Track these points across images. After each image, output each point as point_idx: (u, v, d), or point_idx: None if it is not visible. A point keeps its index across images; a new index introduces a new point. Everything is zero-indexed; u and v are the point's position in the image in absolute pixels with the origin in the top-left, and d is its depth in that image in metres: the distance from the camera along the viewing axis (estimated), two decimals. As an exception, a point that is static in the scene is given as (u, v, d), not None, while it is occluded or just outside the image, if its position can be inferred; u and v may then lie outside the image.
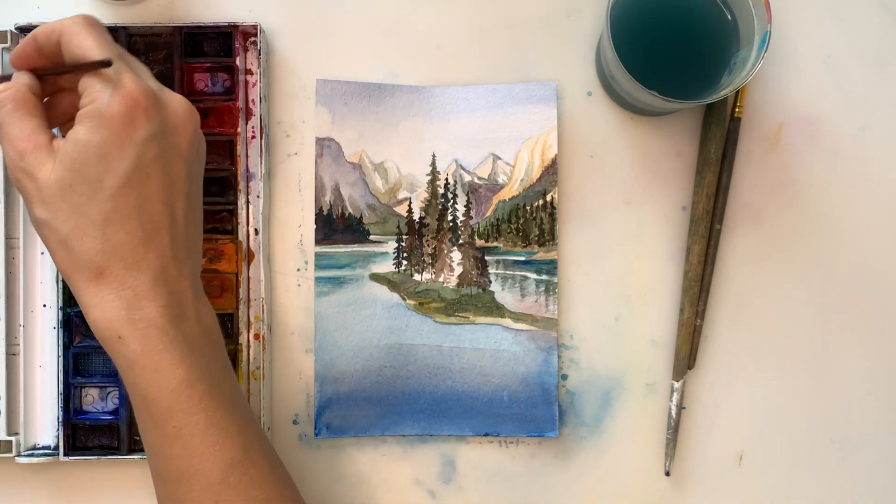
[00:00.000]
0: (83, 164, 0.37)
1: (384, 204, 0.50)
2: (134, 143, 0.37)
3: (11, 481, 0.48)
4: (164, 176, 0.38)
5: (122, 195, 0.37)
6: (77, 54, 0.38)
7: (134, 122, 0.37)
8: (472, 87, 0.50)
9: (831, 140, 0.50)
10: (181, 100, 0.39)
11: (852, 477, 0.50)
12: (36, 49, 0.39)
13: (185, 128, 0.39)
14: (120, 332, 0.37)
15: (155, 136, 0.38)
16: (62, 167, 0.37)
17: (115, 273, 0.37)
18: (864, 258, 0.50)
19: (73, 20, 0.38)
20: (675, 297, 0.50)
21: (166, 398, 0.37)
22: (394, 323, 0.49)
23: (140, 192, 0.37)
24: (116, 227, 0.37)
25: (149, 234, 0.38)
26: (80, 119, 0.37)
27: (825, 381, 0.50)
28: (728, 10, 0.46)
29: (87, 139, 0.37)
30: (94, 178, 0.37)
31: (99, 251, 0.37)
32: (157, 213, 0.38)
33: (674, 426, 0.49)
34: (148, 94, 0.38)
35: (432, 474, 0.49)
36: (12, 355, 0.48)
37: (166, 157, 0.38)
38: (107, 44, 0.38)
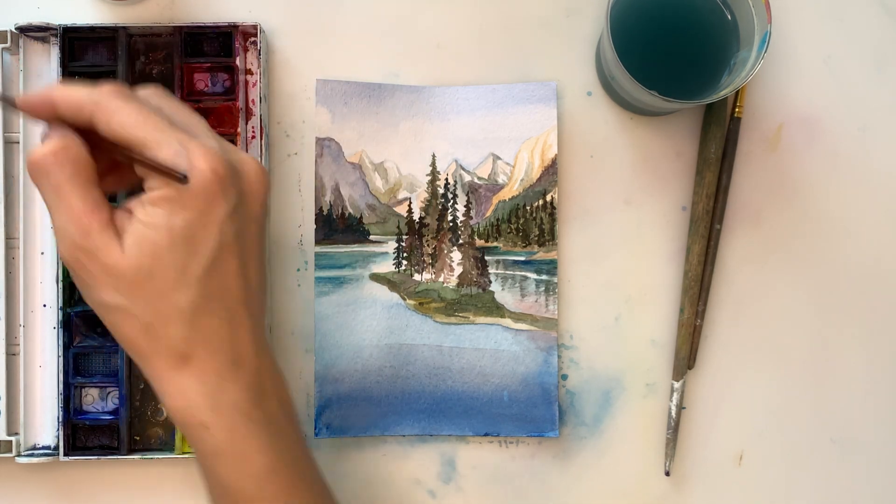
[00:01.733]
0: (165, 251, 0.33)
1: (384, 204, 0.50)
2: (216, 223, 0.34)
3: (11, 481, 0.48)
4: (240, 250, 0.35)
5: (208, 278, 0.34)
6: (121, 135, 0.33)
7: (215, 199, 0.34)
8: (472, 87, 0.50)
9: (831, 140, 0.50)
10: (252, 162, 0.36)
11: (852, 477, 0.50)
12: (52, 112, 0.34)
13: (259, 192, 0.36)
14: (204, 420, 0.35)
15: (234, 210, 0.35)
16: (140, 253, 0.33)
17: (201, 358, 0.35)
18: (864, 258, 0.50)
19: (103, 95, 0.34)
20: (675, 297, 0.50)
21: (251, 487, 0.35)
22: (394, 323, 0.49)
23: (221, 272, 0.35)
24: (204, 313, 0.34)
25: (231, 312, 0.35)
26: (157, 202, 0.34)
27: (825, 381, 0.50)
28: (728, 10, 0.46)
29: (168, 224, 0.33)
30: (179, 264, 0.34)
31: (185, 338, 0.34)
32: (237, 288, 0.35)
33: (674, 426, 0.49)
34: (225, 164, 0.34)
35: (432, 474, 0.49)
36: (12, 355, 0.48)
37: (243, 228, 0.35)
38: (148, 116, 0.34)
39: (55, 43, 0.47)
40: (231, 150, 0.36)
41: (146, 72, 0.48)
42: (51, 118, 0.35)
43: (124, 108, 0.34)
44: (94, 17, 0.49)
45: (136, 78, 0.48)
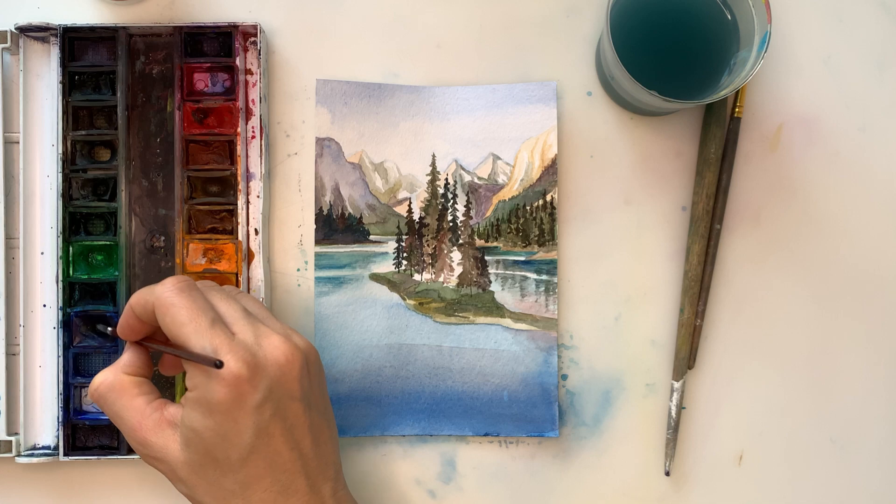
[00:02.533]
0: (206, 447, 0.38)
1: (384, 204, 0.50)
2: (248, 415, 0.38)
3: (11, 481, 0.48)
4: (284, 427, 0.39)
5: (252, 461, 0.38)
6: (173, 331, 0.38)
7: (243, 397, 0.38)
8: (472, 87, 0.50)
9: (831, 140, 0.50)
10: (279, 347, 0.39)
11: (852, 477, 0.50)
12: (137, 320, 0.40)
13: (290, 373, 0.39)
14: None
15: (266, 398, 0.38)
16: (189, 451, 0.38)
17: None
18: (864, 258, 0.50)
19: (165, 289, 0.39)
20: (675, 297, 0.50)
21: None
22: (394, 323, 0.49)
23: (266, 452, 0.38)
24: (254, 490, 0.38)
25: (284, 483, 0.39)
26: (193, 405, 0.38)
27: (825, 381, 0.50)
28: (728, 10, 0.46)
29: (203, 426, 0.38)
30: (222, 456, 0.38)
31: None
32: (286, 461, 0.39)
33: (674, 426, 0.49)
34: (249, 365, 0.38)
35: (432, 474, 0.49)
36: (12, 355, 0.48)
37: (282, 409, 0.39)
38: (200, 315, 0.38)
39: (55, 43, 0.47)
40: (262, 337, 0.39)
41: (146, 72, 0.48)
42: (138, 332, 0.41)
43: (179, 305, 0.39)
44: (94, 17, 0.49)
45: (136, 78, 0.48)
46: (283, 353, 0.39)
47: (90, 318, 0.47)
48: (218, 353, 0.38)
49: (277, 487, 0.39)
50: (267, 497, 0.38)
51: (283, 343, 0.39)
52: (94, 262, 0.48)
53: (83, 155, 0.48)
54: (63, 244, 0.47)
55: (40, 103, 0.48)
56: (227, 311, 0.40)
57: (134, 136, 0.48)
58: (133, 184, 0.48)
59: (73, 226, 0.47)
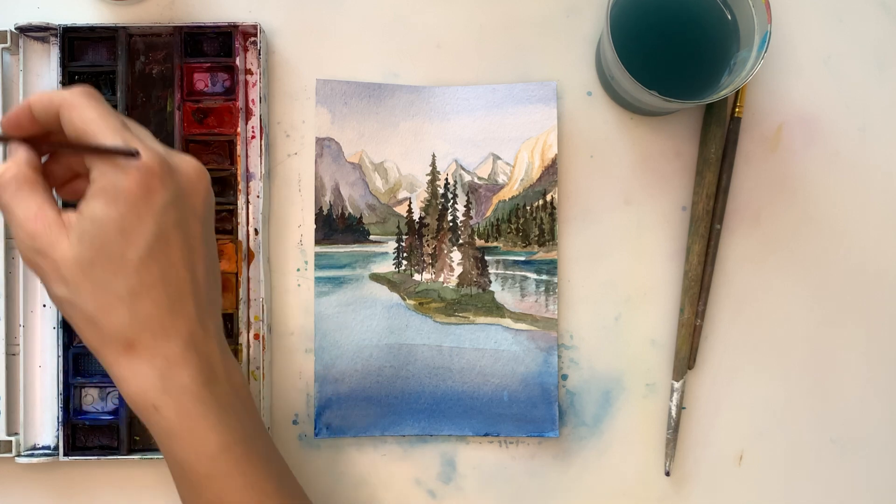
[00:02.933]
0: (103, 241, 0.36)
1: (384, 204, 0.50)
2: (153, 213, 0.36)
3: (11, 481, 0.48)
4: (183, 241, 0.38)
5: (146, 266, 0.36)
6: (80, 127, 0.37)
7: (150, 191, 0.36)
8: (472, 87, 0.50)
9: (831, 140, 0.50)
10: (190, 160, 0.39)
11: (852, 477, 0.50)
12: (30, 117, 0.38)
13: (197, 189, 0.39)
14: (155, 403, 0.37)
15: (172, 202, 0.37)
16: (81, 245, 0.36)
17: (146, 344, 0.37)
18: (864, 258, 0.50)
19: (73, 93, 0.37)
20: (675, 297, 0.50)
21: (204, 465, 0.37)
22: (394, 323, 0.49)
23: (162, 260, 0.37)
24: (143, 299, 0.36)
25: (174, 301, 0.37)
26: (95, 194, 0.36)
27: (825, 381, 0.50)
28: (728, 10, 0.46)
29: (104, 215, 0.36)
30: (116, 253, 0.36)
31: (128, 324, 0.36)
32: (180, 278, 0.37)
33: (674, 426, 0.49)
34: (161, 161, 0.37)
35: (432, 474, 0.49)
36: (12, 355, 0.48)
37: (183, 221, 0.38)
38: (109, 115, 0.37)
39: (55, 43, 0.47)
40: (172, 153, 0.39)
41: (146, 72, 0.48)
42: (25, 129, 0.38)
43: (87, 105, 0.37)
44: (94, 17, 0.49)
45: (136, 78, 0.48)
46: (194, 168, 0.39)
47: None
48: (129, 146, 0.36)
49: (167, 303, 0.37)
50: (154, 311, 0.37)
51: (194, 161, 0.39)
52: (94, 262, 0.48)
53: (83, 155, 0.48)
54: (63, 244, 0.47)
55: (40, 103, 0.48)
56: (135, 126, 0.39)
57: (134, 136, 0.48)
58: (133, 184, 0.48)
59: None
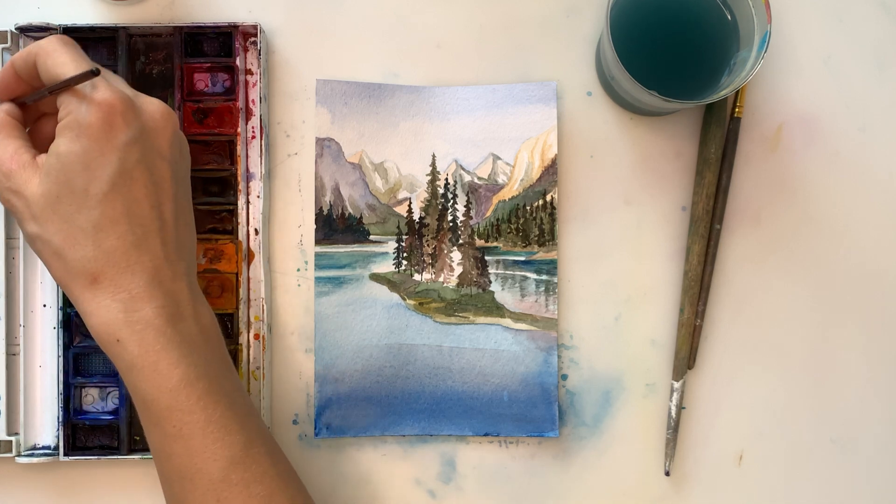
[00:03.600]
0: (67, 175, 0.37)
1: (384, 204, 0.50)
2: (115, 149, 0.37)
3: (11, 481, 0.48)
4: (148, 178, 0.38)
5: (109, 201, 0.37)
6: (54, 72, 0.38)
7: (112, 127, 0.37)
8: (472, 87, 0.50)
9: (831, 140, 0.50)
10: (157, 102, 0.40)
11: (852, 477, 0.50)
12: (14, 76, 0.40)
13: (163, 129, 0.39)
14: (118, 335, 0.37)
15: (135, 139, 0.38)
16: (48, 180, 0.37)
17: (110, 278, 0.37)
18: (864, 258, 0.50)
19: (47, 40, 0.39)
20: (675, 297, 0.50)
21: (166, 398, 0.37)
22: (394, 323, 0.49)
23: (126, 196, 0.38)
24: (107, 233, 0.37)
25: (139, 237, 0.38)
26: (60, 131, 0.38)
27: (825, 381, 0.50)
28: (728, 10, 0.46)
29: (68, 150, 0.37)
30: (80, 187, 0.37)
31: (92, 258, 0.37)
32: (145, 216, 0.38)
33: (674, 426, 0.49)
34: (124, 99, 0.38)
35: (432, 474, 0.49)
36: (12, 355, 0.48)
37: (148, 159, 0.39)
38: (82, 59, 0.38)
39: (55, 43, 0.47)
40: (139, 94, 0.40)
41: (146, 72, 0.48)
42: (12, 89, 0.40)
43: (60, 50, 0.38)
44: (94, 17, 0.49)
45: (137, 78, 0.48)
46: (160, 110, 0.39)
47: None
48: (95, 86, 0.37)
49: (132, 239, 0.38)
50: (119, 245, 0.38)
51: (161, 104, 0.40)
52: (94, 262, 0.48)
53: (83, 155, 0.48)
54: (63, 244, 0.47)
55: (40, 103, 0.48)
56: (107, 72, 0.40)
57: (134, 136, 0.48)
58: (133, 184, 0.48)
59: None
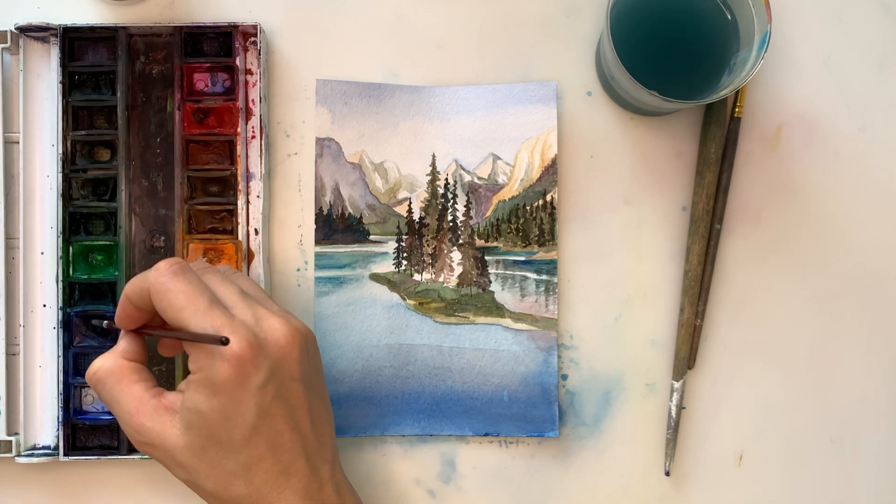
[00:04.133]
0: (210, 429, 0.38)
1: (384, 204, 0.50)
2: (251, 395, 0.38)
3: (11, 481, 0.48)
4: (285, 408, 0.39)
5: (254, 442, 0.38)
6: (172, 316, 0.38)
7: (246, 377, 0.38)
8: (472, 87, 0.50)
9: (831, 140, 0.50)
10: (279, 327, 0.39)
11: (852, 477, 0.50)
12: (134, 308, 0.40)
13: (291, 354, 0.39)
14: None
15: (268, 379, 0.38)
16: (189, 434, 0.38)
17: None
18: (864, 258, 0.50)
19: (159, 274, 0.39)
20: (675, 297, 0.50)
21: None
22: (394, 323, 0.49)
23: (268, 433, 0.39)
24: (256, 471, 0.39)
25: (286, 464, 0.39)
26: (196, 387, 0.38)
27: (825, 381, 0.50)
28: (728, 10, 0.46)
29: (207, 407, 0.38)
30: (224, 437, 0.38)
31: (246, 495, 0.39)
32: (287, 441, 0.39)
33: (674, 426, 0.49)
34: (252, 344, 0.38)
35: (432, 474, 0.49)
36: (12, 355, 0.48)
37: (282, 390, 0.39)
38: (196, 295, 0.38)
39: (55, 43, 0.47)
40: (262, 319, 0.39)
41: (146, 72, 0.48)
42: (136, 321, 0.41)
43: (175, 289, 0.38)
44: (94, 17, 0.49)
45: (136, 78, 0.48)
46: (284, 334, 0.39)
47: (90, 318, 0.47)
48: (219, 333, 0.38)
49: (279, 468, 0.39)
50: (269, 477, 0.39)
51: (282, 325, 0.39)
52: (94, 261, 0.48)
53: (83, 155, 0.48)
54: (63, 244, 0.47)
55: (40, 103, 0.48)
56: (223, 293, 0.40)
57: (134, 136, 0.48)
58: (133, 184, 0.48)
59: (73, 226, 0.47)
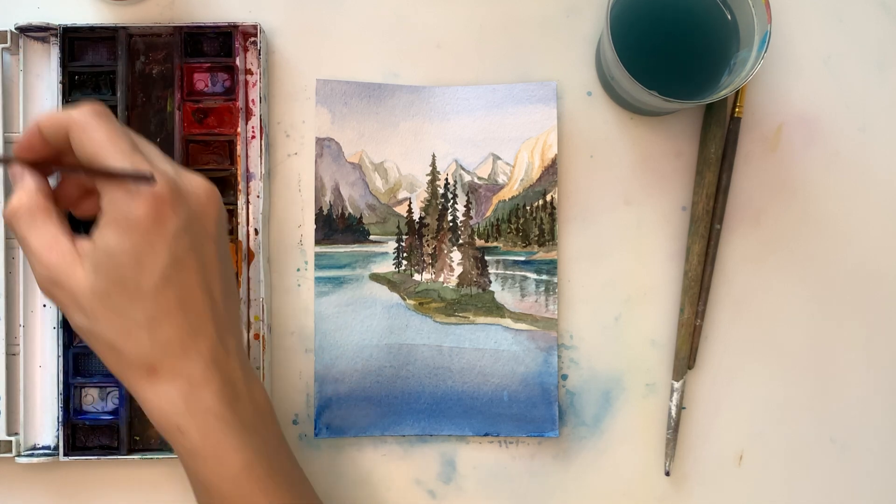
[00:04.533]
0: (118, 271, 0.36)
1: (384, 204, 0.50)
2: (165, 240, 0.36)
3: (11, 481, 0.48)
4: (199, 264, 0.38)
5: (163, 293, 0.37)
6: (90, 150, 0.36)
7: (162, 219, 0.36)
8: (472, 87, 0.50)
9: (831, 140, 0.50)
10: (200, 181, 0.39)
11: (852, 477, 0.50)
12: (41, 139, 0.38)
13: (209, 210, 0.38)
14: (179, 424, 0.37)
15: (184, 227, 0.37)
16: (96, 276, 0.36)
17: (168, 367, 0.37)
18: (864, 258, 0.50)
19: (82, 112, 0.37)
20: (675, 297, 0.50)
21: (227, 485, 0.37)
22: (394, 323, 0.49)
23: (179, 286, 0.37)
24: (162, 325, 0.37)
25: (193, 323, 0.37)
26: (108, 224, 0.36)
27: (825, 381, 0.50)
28: (728, 10, 0.46)
29: (118, 245, 0.36)
30: (132, 281, 0.36)
31: (149, 350, 0.37)
32: (198, 301, 0.38)
33: (674, 426, 0.49)
34: (171, 187, 0.36)
35: (432, 474, 0.49)
36: (12, 355, 0.48)
37: (197, 244, 0.38)
38: (119, 136, 0.37)
39: (55, 43, 0.47)
40: (182, 173, 0.38)
41: (146, 72, 0.48)
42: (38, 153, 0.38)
43: (97, 125, 0.37)
44: (94, 17, 0.49)
45: (136, 78, 0.48)
46: (205, 190, 0.38)
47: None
48: None
49: (187, 327, 0.37)
50: (175, 335, 0.37)
51: (204, 181, 0.39)
52: (94, 262, 0.48)
53: (83, 155, 0.48)
54: (63, 244, 0.47)
55: (40, 103, 0.48)
56: (145, 147, 0.38)
57: (134, 136, 0.48)
58: (133, 184, 0.48)
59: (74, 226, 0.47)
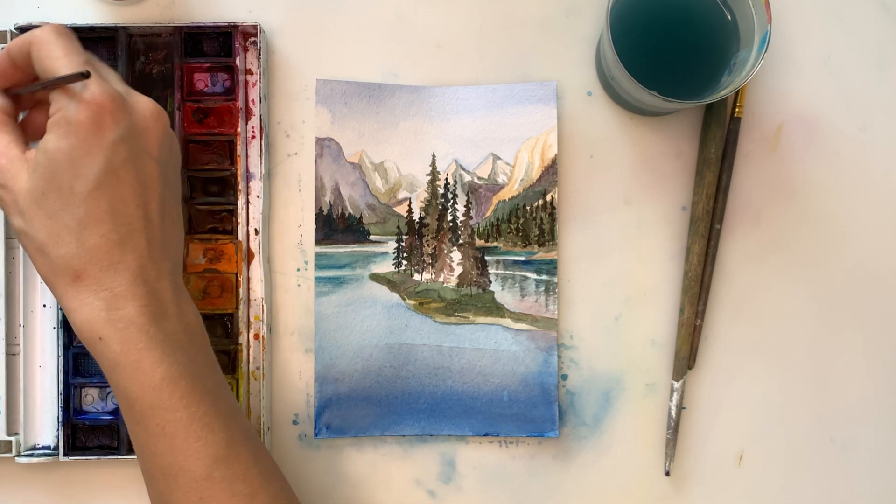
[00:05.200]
0: (54, 172, 0.37)
1: (384, 204, 0.50)
2: (102, 147, 0.37)
3: (11, 481, 0.48)
4: (135, 178, 0.38)
5: (94, 199, 0.37)
6: (47, 65, 0.38)
7: (101, 126, 0.37)
8: (472, 87, 0.50)
9: (831, 140, 0.50)
10: (148, 101, 0.40)
11: (852, 477, 0.50)
12: (10, 63, 0.40)
13: (153, 128, 0.39)
14: (100, 333, 0.37)
15: (123, 138, 0.38)
16: (35, 176, 0.37)
17: (93, 275, 0.37)
18: (864, 258, 0.50)
19: (42, 30, 0.38)
20: (675, 297, 0.50)
21: (149, 396, 0.37)
22: (394, 323, 0.49)
23: (112, 195, 0.38)
24: (91, 231, 0.37)
25: (123, 235, 0.38)
26: (49, 128, 0.38)
27: (825, 381, 0.50)
28: (728, 10, 0.46)
29: (56, 147, 0.37)
30: (66, 184, 0.37)
31: (75, 255, 0.37)
32: (130, 214, 0.38)
33: (674, 426, 0.49)
34: (114, 97, 0.38)
35: (432, 474, 0.49)
36: (12, 355, 0.48)
37: (136, 158, 0.38)
38: (75, 51, 0.38)
39: (55, 43, 0.47)
40: (133, 93, 0.40)
41: (146, 72, 0.48)
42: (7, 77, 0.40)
43: (54, 42, 0.38)
44: (94, 17, 0.49)
45: (136, 78, 0.48)
46: (152, 111, 0.39)
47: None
48: (86, 83, 0.37)
49: (116, 237, 0.38)
50: (103, 244, 0.37)
51: (152, 103, 0.40)
52: (94, 262, 0.48)
53: (83, 155, 0.48)
54: (63, 244, 0.47)
55: (40, 103, 0.48)
56: (101, 68, 0.40)
57: (134, 136, 0.48)
58: (133, 184, 0.48)
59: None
